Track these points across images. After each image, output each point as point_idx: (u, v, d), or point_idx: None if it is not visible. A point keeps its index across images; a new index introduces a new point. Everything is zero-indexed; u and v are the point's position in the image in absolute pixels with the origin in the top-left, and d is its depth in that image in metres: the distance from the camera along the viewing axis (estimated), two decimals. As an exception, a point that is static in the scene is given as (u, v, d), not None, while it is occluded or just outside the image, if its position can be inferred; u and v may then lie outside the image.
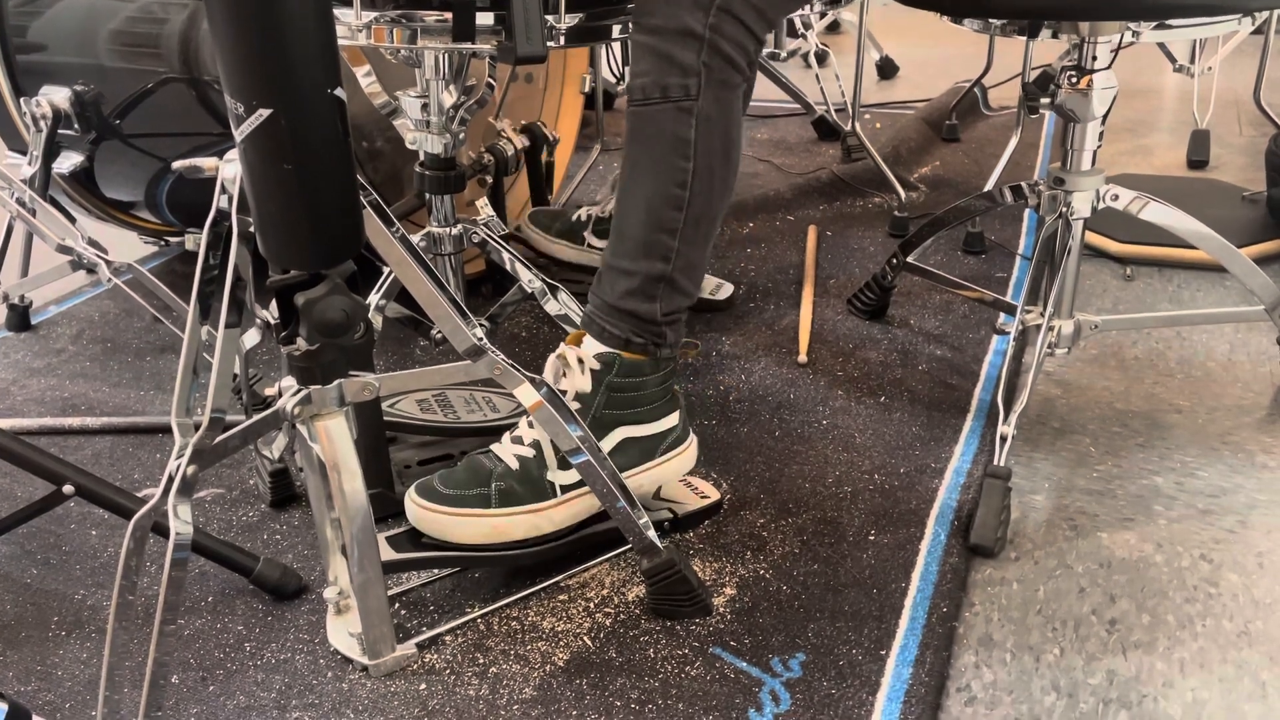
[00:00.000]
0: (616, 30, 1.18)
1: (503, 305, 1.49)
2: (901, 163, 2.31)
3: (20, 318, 1.68)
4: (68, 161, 1.61)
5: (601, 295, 1.13)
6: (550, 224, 1.75)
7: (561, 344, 1.13)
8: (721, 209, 1.14)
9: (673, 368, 1.15)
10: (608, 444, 1.11)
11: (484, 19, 1.08)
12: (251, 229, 0.84)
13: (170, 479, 0.85)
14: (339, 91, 0.77)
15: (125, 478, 1.30)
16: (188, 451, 0.84)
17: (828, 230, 2.01)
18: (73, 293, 1.79)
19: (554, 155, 1.78)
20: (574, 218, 1.73)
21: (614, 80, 2.61)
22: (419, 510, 1.07)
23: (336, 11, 1.10)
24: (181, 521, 0.84)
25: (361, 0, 1.07)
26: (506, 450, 1.10)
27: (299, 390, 0.90)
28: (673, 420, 1.15)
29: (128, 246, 1.87)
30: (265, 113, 0.73)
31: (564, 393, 1.09)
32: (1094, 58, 1.24)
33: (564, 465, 1.08)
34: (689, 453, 1.17)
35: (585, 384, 1.10)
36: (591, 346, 1.12)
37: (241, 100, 0.74)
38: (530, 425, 1.11)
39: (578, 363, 1.10)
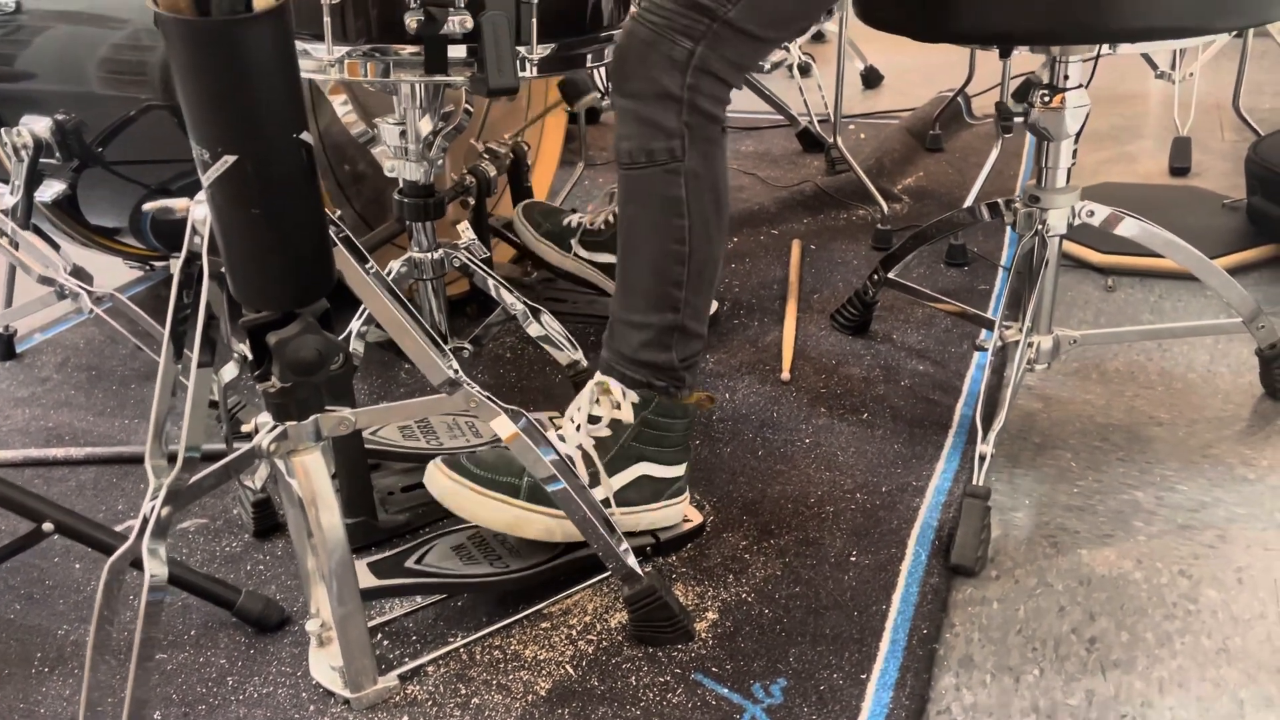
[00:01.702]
0: (589, 59, 1.18)
1: (487, 326, 1.50)
2: (885, 174, 2.32)
3: (5, 347, 1.68)
4: (50, 190, 1.61)
5: (617, 348, 1.16)
6: (541, 222, 1.74)
7: (598, 373, 1.16)
8: (721, 251, 1.17)
9: (692, 421, 1.18)
10: (628, 475, 1.14)
11: (456, 51, 1.08)
12: (223, 269, 0.84)
13: (144, 521, 0.85)
14: (305, 135, 0.77)
15: (109, 509, 1.30)
16: (162, 493, 0.85)
17: (811, 244, 2.02)
18: (57, 320, 1.79)
19: (530, 180, 1.78)
20: (565, 222, 1.73)
21: (598, 96, 2.61)
22: (446, 481, 1.09)
23: (308, 46, 1.11)
24: (157, 562, 0.84)
25: (333, 35, 1.08)
26: None
27: (275, 427, 0.90)
28: (681, 470, 1.19)
29: (114, 272, 1.87)
30: (230, 159, 0.74)
31: (599, 418, 1.13)
32: (1066, 76, 1.25)
33: (594, 482, 1.11)
34: (681, 507, 1.20)
35: (628, 415, 1.13)
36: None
37: (207, 147, 0.74)
38: (561, 439, 1.13)
39: (622, 394, 1.13)
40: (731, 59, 1.07)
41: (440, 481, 1.10)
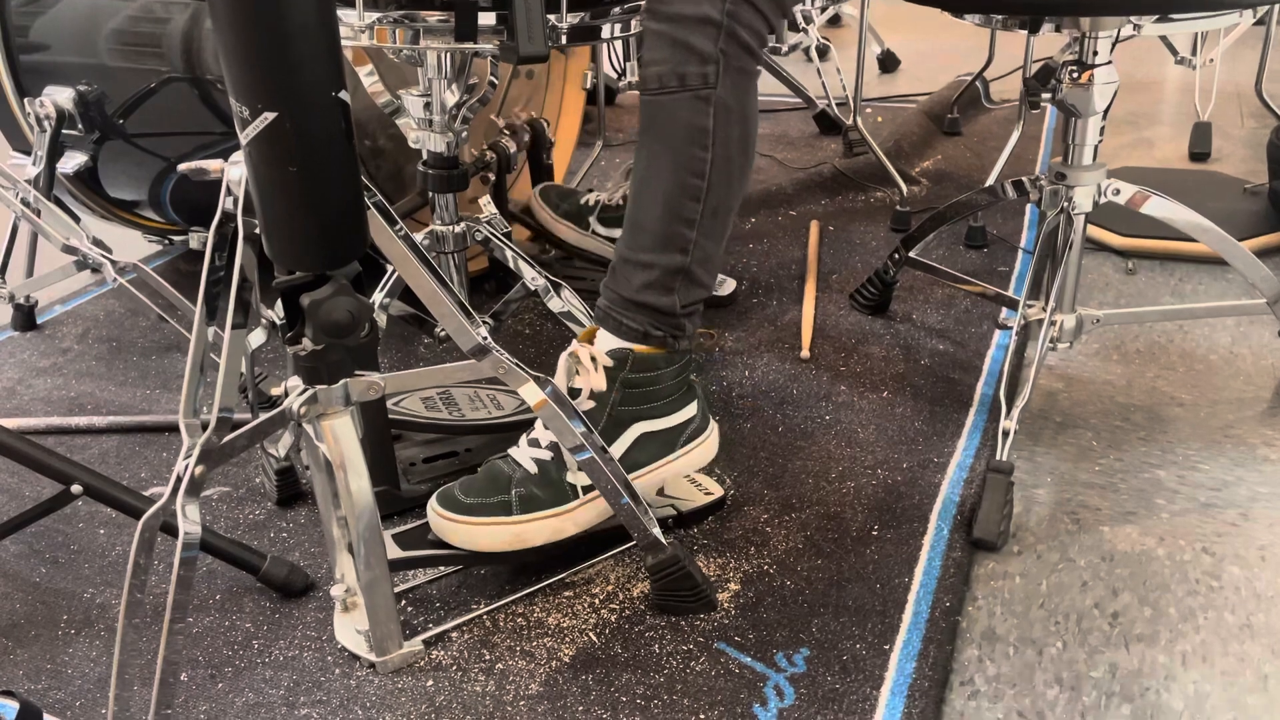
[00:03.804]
0: (617, 30, 1.18)
1: (506, 302, 1.50)
2: (903, 157, 2.31)
3: (26, 317, 1.69)
4: (72, 161, 1.62)
5: (617, 289, 1.12)
6: (558, 203, 1.74)
7: (573, 342, 1.13)
8: (738, 200, 1.13)
9: (689, 359, 1.14)
10: (626, 440, 1.11)
11: (486, 19, 1.08)
12: (257, 230, 0.85)
13: (178, 479, 0.85)
14: (343, 94, 0.77)
15: (132, 476, 1.31)
16: (195, 452, 0.85)
17: (830, 225, 2.02)
18: (78, 292, 1.80)
19: (552, 158, 1.78)
20: (582, 201, 1.74)
21: (615, 76, 2.62)
22: (441, 521, 1.07)
23: (339, 12, 1.11)
24: (190, 521, 0.85)
25: (364, 1, 1.08)
26: (524, 454, 1.10)
27: (305, 390, 0.91)
28: (691, 410, 1.14)
29: (132, 245, 1.87)
30: (270, 116, 0.74)
31: (579, 391, 1.09)
32: (1095, 52, 1.24)
33: None
34: (710, 442, 1.16)
35: (601, 382, 1.09)
36: (605, 343, 1.11)
37: (246, 103, 0.74)
38: (546, 427, 1.10)
39: (590, 361, 1.09)
40: None
41: (437, 522, 1.07)
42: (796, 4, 1.23)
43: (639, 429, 1.12)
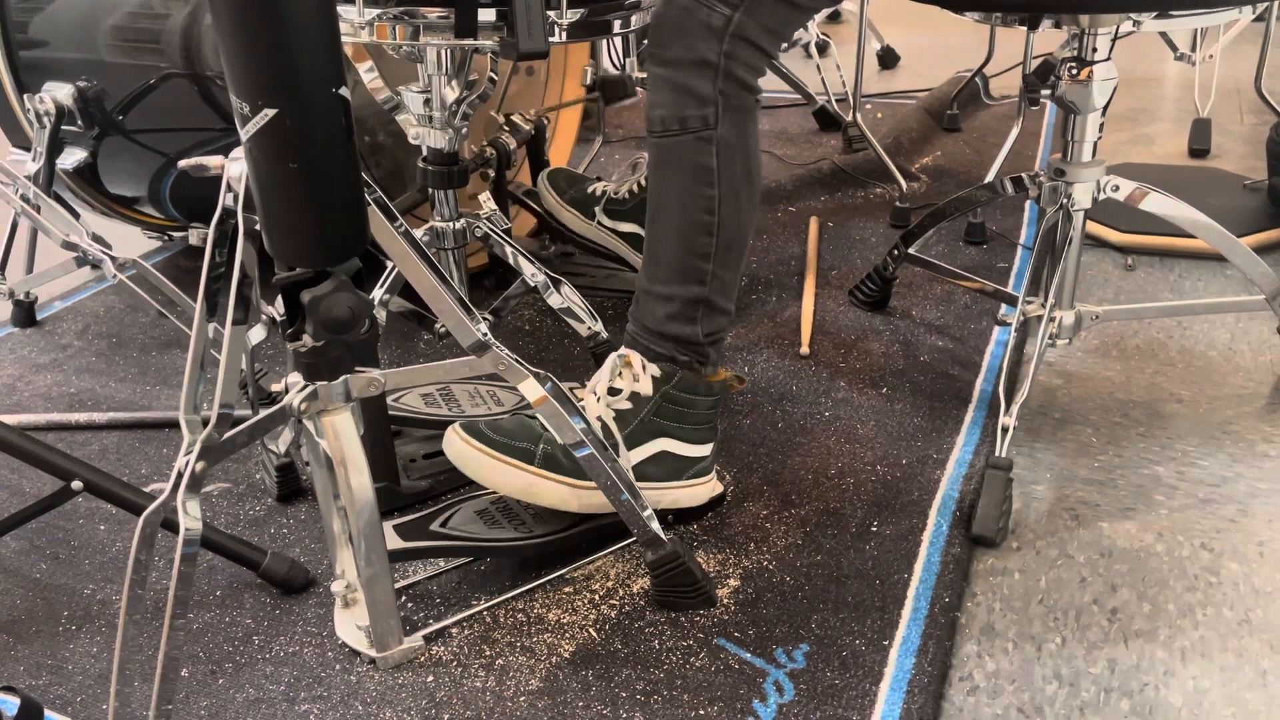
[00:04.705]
0: (617, 25, 1.18)
1: (506, 299, 1.50)
2: (903, 153, 2.31)
3: (26, 314, 1.69)
4: (71, 157, 1.62)
5: (642, 320, 1.16)
6: (566, 188, 1.74)
7: (623, 346, 1.17)
8: (751, 228, 1.17)
9: (721, 397, 1.18)
10: (647, 450, 1.14)
11: (486, 15, 1.08)
12: (257, 227, 0.85)
13: (179, 475, 0.86)
14: (343, 90, 0.77)
15: (132, 473, 1.31)
16: (196, 448, 0.85)
17: (829, 221, 2.02)
18: (78, 288, 1.80)
19: (549, 155, 1.78)
20: (590, 189, 1.73)
21: (615, 72, 2.61)
22: (461, 445, 1.09)
23: (339, 9, 1.11)
24: (190, 517, 0.85)
25: (364, -3, 1.08)
26: None
27: (305, 386, 0.91)
28: (707, 450, 1.18)
29: (131, 242, 1.87)
30: (270, 112, 0.74)
31: (619, 391, 1.13)
32: (1094, 49, 1.24)
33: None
34: (706, 488, 1.19)
35: (646, 387, 1.13)
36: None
37: (247, 100, 0.74)
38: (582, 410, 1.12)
39: (642, 367, 1.13)
40: (769, 26, 1.07)
41: (456, 445, 1.10)
42: (797, 28, 1.24)
43: (662, 444, 1.14)
